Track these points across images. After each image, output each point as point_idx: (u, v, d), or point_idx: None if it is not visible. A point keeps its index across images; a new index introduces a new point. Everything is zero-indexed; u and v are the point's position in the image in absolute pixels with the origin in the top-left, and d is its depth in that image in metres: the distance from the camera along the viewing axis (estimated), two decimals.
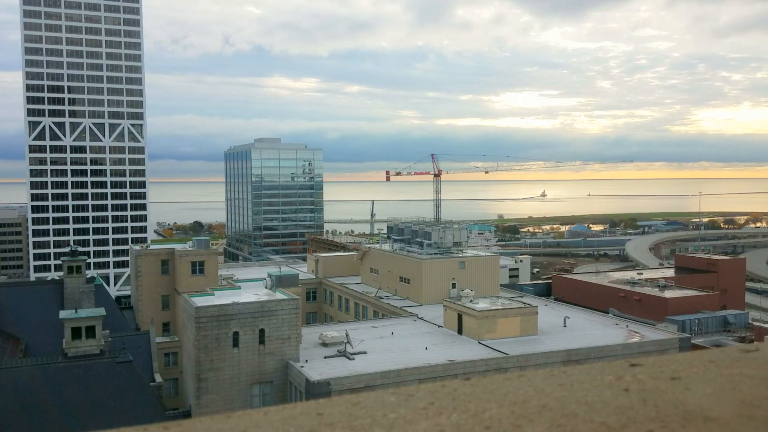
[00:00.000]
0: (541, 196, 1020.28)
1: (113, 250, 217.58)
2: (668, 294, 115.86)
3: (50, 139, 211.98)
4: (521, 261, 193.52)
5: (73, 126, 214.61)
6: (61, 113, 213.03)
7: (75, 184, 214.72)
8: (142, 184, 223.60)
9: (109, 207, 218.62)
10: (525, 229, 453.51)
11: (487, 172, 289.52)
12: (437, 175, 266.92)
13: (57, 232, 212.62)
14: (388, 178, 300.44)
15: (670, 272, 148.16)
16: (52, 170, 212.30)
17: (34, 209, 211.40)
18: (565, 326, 75.07)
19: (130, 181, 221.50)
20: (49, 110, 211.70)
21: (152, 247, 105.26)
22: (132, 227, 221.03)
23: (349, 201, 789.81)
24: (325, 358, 61.95)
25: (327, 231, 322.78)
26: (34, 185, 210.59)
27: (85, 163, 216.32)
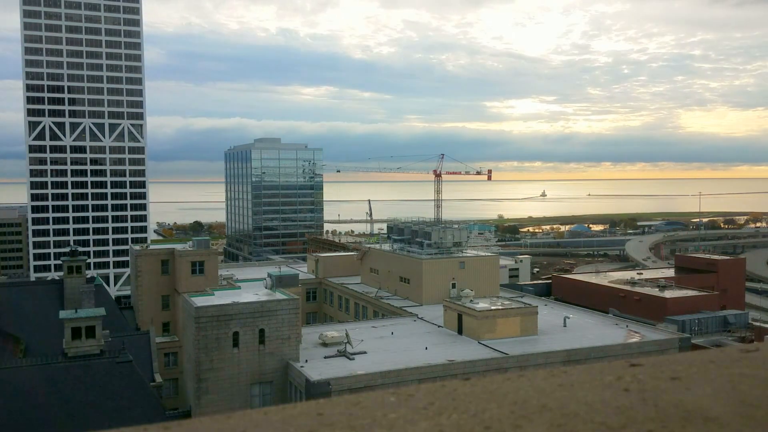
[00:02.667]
0: (541, 196, 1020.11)
1: (113, 250, 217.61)
2: (668, 294, 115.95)
3: (50, 139, 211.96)
4: (521, 261, 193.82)
5: (73, 126, 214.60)
6: (61, 113, 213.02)
7: (75, 184, 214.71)
8: (142, 184, 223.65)
9: (109, 207, 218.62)
10: (525, 229, 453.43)
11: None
12: (438, 175, 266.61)
13: (57, 232, 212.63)
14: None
15: (670, 272, 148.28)
16: (52, 170, 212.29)
17: (34, 209, 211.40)
18: (565, 326, 75.07)
19: (130, 181, 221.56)
20: (49, 110, 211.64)
21: (152, 247, 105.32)
22: (132, 227, 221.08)
23: (350, 201, 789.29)
24: (325, 358, 61.94)
25: (327, 231, 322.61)
26: (34, 185, 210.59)
27: (85, 163, 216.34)
